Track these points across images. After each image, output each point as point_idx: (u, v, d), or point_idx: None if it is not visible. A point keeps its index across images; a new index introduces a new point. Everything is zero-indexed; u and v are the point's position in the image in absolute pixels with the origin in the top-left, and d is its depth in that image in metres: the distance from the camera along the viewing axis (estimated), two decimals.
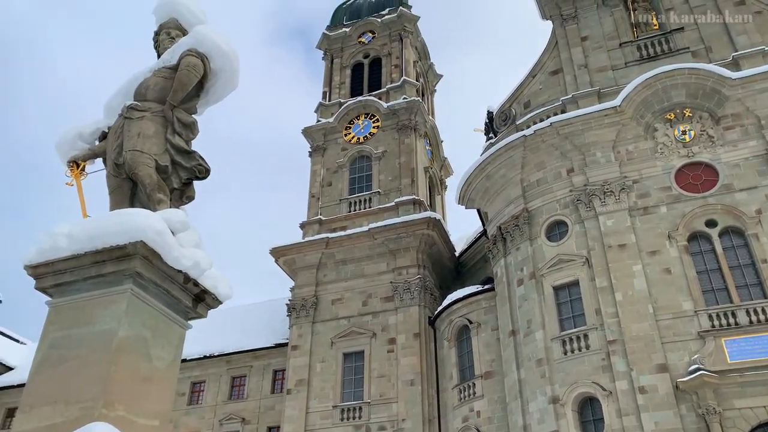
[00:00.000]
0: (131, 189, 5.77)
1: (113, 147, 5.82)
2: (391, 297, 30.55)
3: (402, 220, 31.39)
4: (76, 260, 4.96)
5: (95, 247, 4.88)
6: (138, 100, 6.01)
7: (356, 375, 29.49)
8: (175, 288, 5.26)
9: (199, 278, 5.36)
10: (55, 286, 5.10)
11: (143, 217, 4.92)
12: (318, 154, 36.38)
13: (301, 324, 31.24)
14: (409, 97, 36.06)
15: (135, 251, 4.82)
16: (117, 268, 4.90)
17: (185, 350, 24.06)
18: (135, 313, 4.86)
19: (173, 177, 5.76)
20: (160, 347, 5.06)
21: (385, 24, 40.42)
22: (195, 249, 5.32)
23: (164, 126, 5.82)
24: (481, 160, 28.41)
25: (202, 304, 5.58)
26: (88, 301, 4.90)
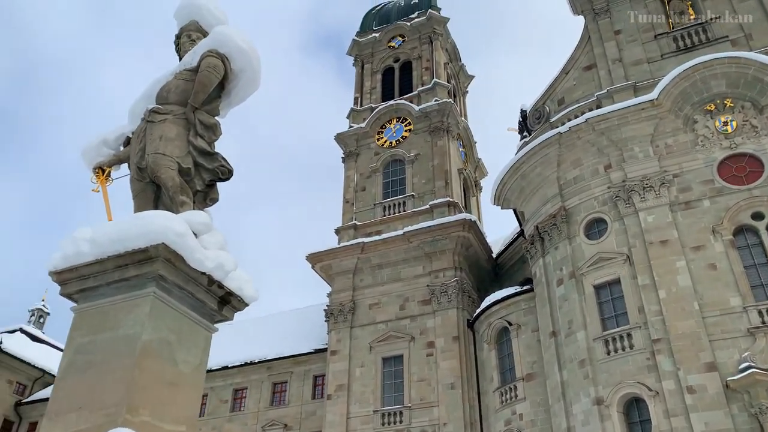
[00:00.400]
0: (155, 192, 5.74)
1: (136, 151, 5.82)
2: (429, 300, 30.31)
3: (437, 223, 31.15)
4: (99, 265, 4.95)
5: (117, 251, 4.85)
6: (160, 103, 5.99)
7: (396, 379, 29.31)
8: (199, 290, 5.20)
9: (223, 280, 5.28)
10: (79, 291, 5.09)
11: (164, 219, 4.88)
12: (351, 159, 36.42)
13: (339, 329, 31.23)
14: (441, 99, 35.85)
15: (157, 254, 4.77)
16: (139, 272, 4.86)
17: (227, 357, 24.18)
18: (159, 317, 4.81)
19: (196, 179, 5.71)
20: (186, 351, 4.99)
21: (414, 27, 40.31)
22: (219, 251, 5.26)
23: (186, 128, 5.79)
24: (516, 159, 28.03)
25: (227, 306, 5.51)
26: (112, 305, 4.87)
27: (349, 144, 36.81)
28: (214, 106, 6.01)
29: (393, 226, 32.84)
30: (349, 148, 36.71)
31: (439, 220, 31.40)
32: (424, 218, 32.29)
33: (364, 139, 36.72)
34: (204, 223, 5.24)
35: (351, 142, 36.77)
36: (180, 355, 4.93)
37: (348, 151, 36.73)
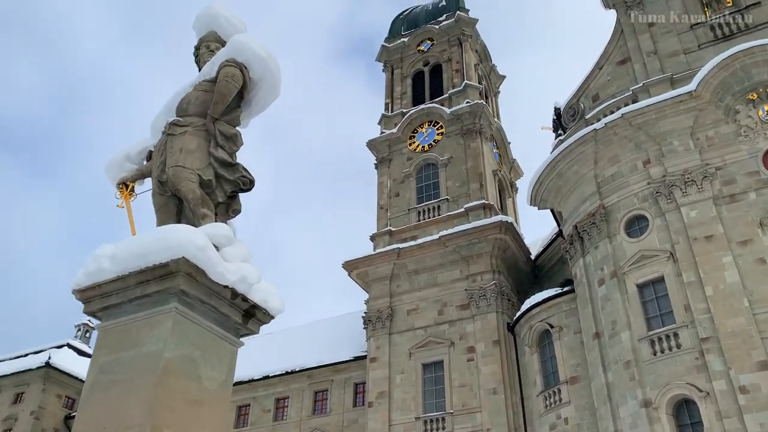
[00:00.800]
0: (177, 206, 5.66)
1: (157, 165, 5.75)
2: (467, 305, 29.92)
3: (473, 226, 30.76)
4: (121, 281, 4.87)
5: (138, 266, 4.77)
6: (180, 115, 5.92)
7: (437, 385, 28.99)
8: (222, 304, 5.09)
9: (247, 293, 5.16)
10: (102, 309, 5.02)
11: (184, 233, 4.78)
12: (384, 165, 36.30)
13: (378, 336, 31.07)
14: (472, 101, 35.48)
15: (177, 268, 4.67)
16: (161, 287, 4.77)
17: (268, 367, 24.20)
18: (182, 333, 4.70)
19: (218, 191, 5.61)
20: (211, 367, 4.87)
21: (443, 30, 40.07)
22: (242, 263, 5.14)
23: (207, 140, 5.70)
24: (551, 158, 27.52)
25: (252, 319, 5.38)
26: (135, 322, 4.79)
27: (381, 150, 36.71)
28: (235, 115, 5.91)
29: (428, 231, 32.58)
30: (382, 154, 36.60)
31: (475, 223, 31.01)
32: (460, 222, 31.94)
33: (396, 144, 36.57)
34: (225, 236, 5.13)
35: (383, 148, 36.67)
36: (205, 371, 4.81)
37: (380, 157, 36.62)
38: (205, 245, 4.79)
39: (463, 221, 31.86)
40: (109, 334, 4.90)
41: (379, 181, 36.00)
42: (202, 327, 4.92)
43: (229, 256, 5.10)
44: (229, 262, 5.04)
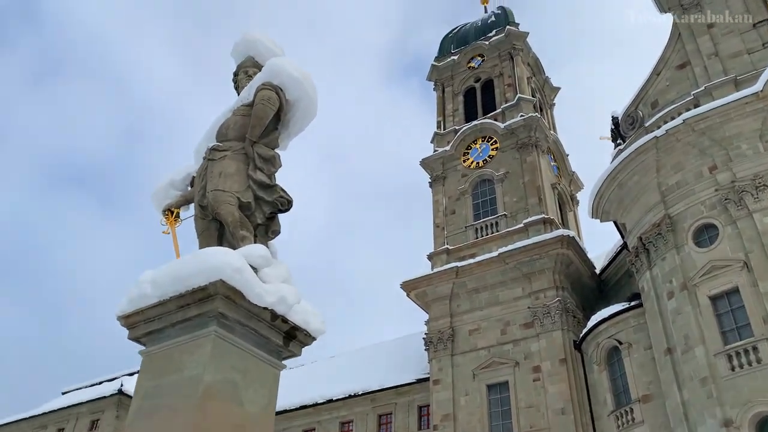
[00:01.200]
0: (218, 230, 5.69)
1: (198, 189, 5.82)
2: (531, 323, 29.17)
3: (533, 242, 30.08)
4: (162, 306, 4.89)
5: (178, 291, 4.79)
6: (220, 140, 6.00)
7: (503, 407, 28.26)
8: (262, 326, 5.03)
9: (287, 314, 5.09)
10: (146, 334, 5.06)
11: (221, 255, 4.77)
12: (438, 183, 36.10)
13: (440, 357, 30.62)
14: (526, 114, 34.96)
15: (216, 291, 4.65)
16: (200, 311, 4.76)
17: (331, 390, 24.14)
18: (222, 356, 4.67)
19: (257, 212, 5.61)
20: (253, 390, 4.81)
21: (493, 45, 39.82)
22: (281, 284, 5.09)
23: (246, 163, 5.74)
24: (612, 168, 26.74)
25: (294, 341, 5.30)
26: (177, 347, 4.79)
27: (435, 168, 36.55)
28: (273, 138, 5.94)
29: (487, 248, 32.06)
30: (436, 173, 36.42)
31: (535, 238, 30.32)
32: (519, 238, 31.30)
33: (449, 161, 36.34)
34: (263, 257, 5.10)
35: (437, 166, 36.50)
36: (246, 394, 4.75)
37: (434, 175, 36.45)
38: (242, 267, 4.76)
39: (523, 237, 31.21)
40: (153, 359, 4.92)
41: (434, 199, 35.77)
42: (242, 350, 4.88)
43: (268, 277, 5.07)
44: (267, 283, 5.00)
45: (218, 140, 6.00)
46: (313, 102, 6.05)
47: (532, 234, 30.97)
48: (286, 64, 5.94)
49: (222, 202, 5.45)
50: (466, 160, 36.00)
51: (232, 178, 5.58)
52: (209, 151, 5.91)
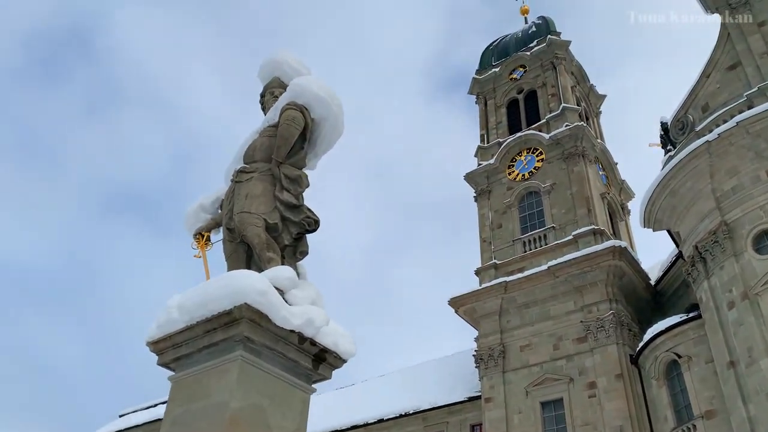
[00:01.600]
0: (246, 252, 5.65)
1: (225, 212, 5.81)
2: (584, 337, 28.35)
3: (583, 254, 29.32)
4: (189, 331, 4.85)
5: (203, 315, 4.74)
6: (247, 162, 5.99)
7: (558, 425, 27.47)
8: (290, 350, 4.93)
9: (315, 336, 4.98)
10: (174, 360, 5.02)
11: (245, 278, 4.71)
12: (483, 197, 35.66)
13: (491, 375, 30.04)
14: (572, 124, 34.31)
15: (241, 315, 4.58)
16: (226, 335, 4.69)
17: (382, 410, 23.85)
18: (248, 382, 4.58)
19: (284, 234, 5.55)
20: (281, 416, 4.70)
21: (535, 56, 39.36)
22: (309, 306, 4.99)
23: (273, 184, 5.70)
24: (663, 175, 25.90)
25: (323, 364, 5.18)
26: (205, 372, 4.73)
27: (479, 182, 36.15)
28: (299, 157, 5.88)
29: (536, 262, 31.42)
30: (480, 187, 36.02)
31: (586, 250, 29.56)
32: (569, 250, 30.58)
33: (494, 175, 35.91)
34: (290, 278, 5.01)
35: (481, 179, 36.10)
36: (274, 420, 4.64)
37: (479, 189, 36.04)
38: (267, 289, 4.68)
39: (573, 249, 30.48)
40: (182, 385, 4.87)
41: (480, 213, 35.33)
42: (270, 374, 4.78)
43: (296, 299, 4.98)
44: (295, 305, 4.91)
45: (245, 162, 5.99)
46: (339, 120, 5.99)
47: (582, 246, 30.22)
48: (310, 84, 5.91)
49: (248, 224, 5.41)
50: (512, 173, 35.51)
51: (258, 200, 5.55)
52: (236, 173, 5.91)
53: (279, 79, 6.50)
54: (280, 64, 6.50)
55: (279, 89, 6.42)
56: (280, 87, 6.44)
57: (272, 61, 6.55)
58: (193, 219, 6.09)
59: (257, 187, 5.64)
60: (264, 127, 6.15)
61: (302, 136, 5.88)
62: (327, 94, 5.89)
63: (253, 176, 5.75)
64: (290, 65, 6.46)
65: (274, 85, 6.52)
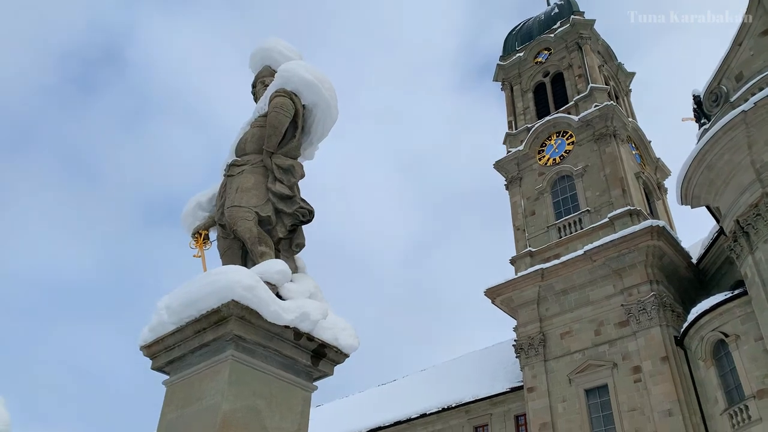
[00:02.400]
0: (241, 248, 5.41)
1: (218, 208, 5.60)
2: (626, 321, 27.58)
3: (620, 236, 28.50)
4: (180, 333, 4.63)
5: (192, 315, 4.52)
6: (239, 155, 5.75)
7: (603, 411, 26.80)
8: (285, 346, 4.67)
9: (312, 331, 4.71)
10: (168, 363, 4.81)
11: (230, 274, 4.46)
12: (515, 185, 35.00)
13: (532, 364, 29.48)
14: (601, 104, 33.40)
15: (229, 312, 4.34)
16: (216, 335, 4.45)
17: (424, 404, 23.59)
18: (241, 382, 4.34)
19: (278, 226, 5.29)
20: (279, 417, 4.45)
21: (559, 37, 38.46)
22: (306, 300, 4.74)
23: (265, 176, 5.45)
24: (698, 150, 24.98)
25: (324, 360, 4.91)
26: (197, 374, 4.50)
27: (509, 169, 35.50)
28: (292, 146, 5.62)
29: (572, 247, 30.71)
30: (511, 174, 35.36)
31: (622, 232, 28.73)
32: (605, 233, 29.79)
33: (524, 161, 35.21)
34: (281, 272, 4.76)
35: (511, 167, 35.43)
36: (272, 421, 4.38)
37: (510, 177, 35.39)
38: (254, 284, 4.43)
39: (609, 232, 29.68)
40: (176, 389, 4.66)
41: (512, 201, 34.68)
42: (265, 373, 4.53)
43: (291, 293, 4.74)
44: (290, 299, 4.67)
45: (237, 155, 5.75)
46: (332, 105, 5.71)
47: (618, 228, 29.41)
48: (298, 68, 5.64)
49: (239, 218, 5.18)
50: (542, 158, 34.78)
51: (249, 193, 5.31)
52: (228, 167, 5.69)
53: (270, 68, 6.24)
54: (269, 52, 6.25)
55: (270, 78, 6.13)
56: (270, 76, 6.15)
57: (261, 49, 6.31)
58: (191, 218, 5.88)
59: (248, 180, 5.40)
60: (254, 118, 5.91)
61: (294, 124, 5.63)
62: (316, 77, 5.61)
63: (245, 169, 5.51)
64: (280, 52, 6.20)
65: (264, 74, 6.28)
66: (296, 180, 5.45)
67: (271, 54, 6.24)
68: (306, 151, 5.85)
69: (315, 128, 5.79)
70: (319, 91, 5.61)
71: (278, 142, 5.49)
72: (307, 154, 5.88)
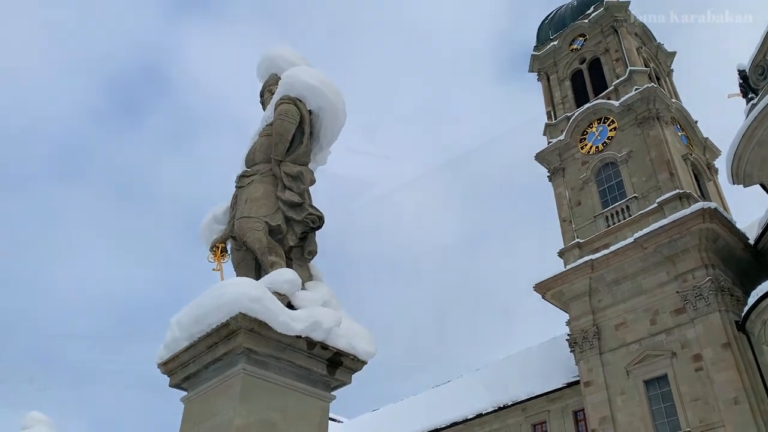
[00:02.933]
0: (255, 259, 5.35)
1: (229, 220, 5.57)
2: (683, 308, 26.62)
3: (671, 220, 27.52)
4: (193, 348, 4.60)
5: (203, 330, 4.49)
6: (248, 165, 5.72)
7: (665, 403, 25.91)
8: (298, 357, 4.58)
9: (326, 340, 4.62)
10: (184, 380, 4.79)
11: (236, 287, 4.41)
12: (558, 176, 34.27)
13: (587, 358, 28.77)
14: (642, 87, 32.42)
15: (237, 326, 4.28)
16: (227, 349, 4.40)
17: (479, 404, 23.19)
18: (254, 396, 4.27)
19: (289, 235, 5.21)
20: (296, 429, 4.35)
21: (593, 22, 37.54)
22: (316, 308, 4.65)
23: (274, 184, 5.39)
24: (746, 126, 24.10)
25: (340, 368, 4.80)
26: (212, 390, 4.47)
27: (551, 160, 34.79)
28: (300, 153, 5.54)
29: (621, 236, 29.85)
30: (553, 165, 34.65)
31: (673, 216, 27.75)
32: (655, 219, 28.84)
33: (566, 151, 34.44)
34: (290, 281, 4.68)
35: (553, 158, 34.72)
36: None
37: (552, 168, 34.68)
38: (260, 295, 4.36)
39: (659, 217, 28.72)
40: (192, 405, 4.64)
41: (556, 192, 33.95)
42: (280, 386, 4.46)
43: (303, 301, 4.65)
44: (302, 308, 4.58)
45: (247, 165, 5.72)
46: (338, 108, 5.62)
47: (668, 212, 28.44)
48: (300, 74, 5.57)
49: (248, 229, 5.13)
50: (584, 147, 33.98)
51: (258, 203, 5.25)
52: (238, 178, 5.67)
53: (276, 76, 6.16)
54: (274, 60, 6.20)
55: (276, 86, 6.10)
56: (276, 83, 6.10)
57: (267, 58, 6.27)
58: (208, 231, 5.87)
59: (258, 190, 5.36)
60: (262, 127, 5.87)
61: (301, 130, 5.56)
62: (320, 82, 5.53)
63: (254, 179, 5.47)
64: (285, 59, 6.14)
65: (271, 82, 6.22)
66: (306, 186, 5.39)
67: (276, 62, 6.19)
68: (317, 156, 5.78)
69: (323, 132, 5.71)
70: (323, 94, 5.53)
71: (285, 150, 5.43)
72: (318, 159, 5.80)
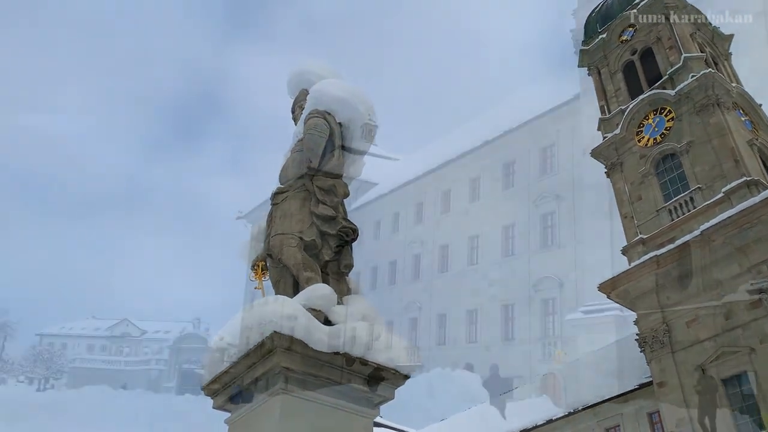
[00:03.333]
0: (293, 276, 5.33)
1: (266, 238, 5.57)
2: (758, 301, 25.22)
3: (739, 210, 26.15)
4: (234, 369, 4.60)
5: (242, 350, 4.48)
6: (283, 182, 5.73)
7: (745, 402, 24.62)
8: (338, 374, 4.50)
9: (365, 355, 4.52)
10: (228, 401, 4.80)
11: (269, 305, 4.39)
12: (616, 171, 33.22)
13: (659, 357, 27.66)
14: (698, 73, 31.17)
15: (273, 345, 4.25)
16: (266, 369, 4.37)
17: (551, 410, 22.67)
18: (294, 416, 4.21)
19: (324, 249, 5.17)
20: None
21: (642, 11, 36.36)
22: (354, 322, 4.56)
23: (308, 199, 5.38)
24: None
25: (382, 384, 4.68)
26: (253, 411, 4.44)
27: (608, 156, 33.76)
28: (332, 166, 5.51)
29: (686, 229, 28.60)
30: (610, 160, 33.62)
31: (741, 205, 26.37)
32: (722, 209, 27.50)
33: (623, 145, 33.36)
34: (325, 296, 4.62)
35: (610, 153, 33.68)
36: None
37: (609, 163, 33.65)
38: (294, 313, 4.31)
39: (726, 207, 27.37)
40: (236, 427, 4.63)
41: (615, 188, 32.86)
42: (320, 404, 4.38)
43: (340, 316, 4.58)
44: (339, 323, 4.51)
45: (281, 182, 5.73)
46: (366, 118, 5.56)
47: (736, 202, 27.08)
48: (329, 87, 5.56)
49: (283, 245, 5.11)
50: (641, 139, 32.83)
51: (293, 219, 5.24)
52: (273, 195, 5.68)
53: (306, 91, 6.17)
54: (303, 75, 6.21)
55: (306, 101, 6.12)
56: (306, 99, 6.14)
57: (296, 74, 6.28)
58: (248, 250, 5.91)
59: (292, 206, 5.35)
60: (294, 143, 5.88)
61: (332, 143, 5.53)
62: (349, 94, 5.50)
63: (288, 195, 5.48)
64: (314, 73, 6.13)
65: (301, 97, 6.21)
66: (339, 199, 5.35)
67: (305, 76, 6.19)
68: (350, 168, 5.73)
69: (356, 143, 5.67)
70: (353, 107, 5.50)
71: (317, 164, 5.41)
72: (351, 171, 5.75)
